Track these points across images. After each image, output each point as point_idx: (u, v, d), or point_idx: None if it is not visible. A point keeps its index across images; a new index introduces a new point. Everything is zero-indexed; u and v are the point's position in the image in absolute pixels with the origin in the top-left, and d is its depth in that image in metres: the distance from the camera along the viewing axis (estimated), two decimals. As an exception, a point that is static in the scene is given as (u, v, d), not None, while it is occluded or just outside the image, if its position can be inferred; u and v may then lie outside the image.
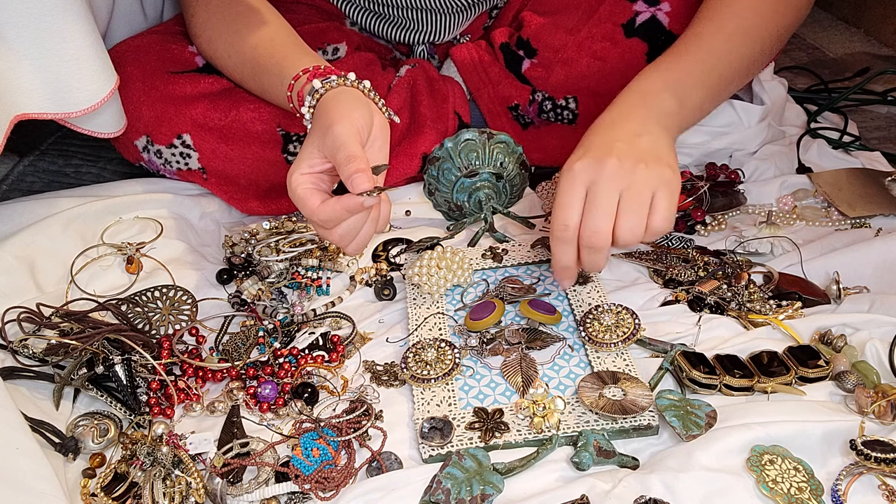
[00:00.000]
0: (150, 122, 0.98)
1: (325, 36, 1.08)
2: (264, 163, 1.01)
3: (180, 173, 1.02)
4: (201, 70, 0.99)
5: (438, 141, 1.06)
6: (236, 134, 0.99)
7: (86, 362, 0.75)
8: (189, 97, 0.98)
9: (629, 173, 0.74)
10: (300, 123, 0.99)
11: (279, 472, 0.67)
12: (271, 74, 0.90)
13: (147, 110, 0.97)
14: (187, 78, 0.98)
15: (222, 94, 0.99)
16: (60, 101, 0.85)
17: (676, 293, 0.88)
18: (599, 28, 1.05)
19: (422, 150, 1.06)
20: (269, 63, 0.90)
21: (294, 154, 1.01)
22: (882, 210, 1.02)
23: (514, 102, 1.11)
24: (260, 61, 0.91)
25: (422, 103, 1.07)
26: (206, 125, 0.99)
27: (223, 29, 0.95)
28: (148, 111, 0.97)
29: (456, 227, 1.00)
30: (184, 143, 0.99)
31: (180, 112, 0.98)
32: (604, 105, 1.10)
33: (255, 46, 0.92)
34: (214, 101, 0.99)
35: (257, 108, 0.99)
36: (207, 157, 1.00)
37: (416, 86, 1.08)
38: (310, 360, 0.81)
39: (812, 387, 0.74)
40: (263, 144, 1.00)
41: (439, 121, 1.07)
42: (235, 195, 1.04)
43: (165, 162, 1.00)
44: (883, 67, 1.47)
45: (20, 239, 0.89)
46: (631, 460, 0.68)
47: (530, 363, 0.78)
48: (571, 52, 1.06)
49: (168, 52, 1.00)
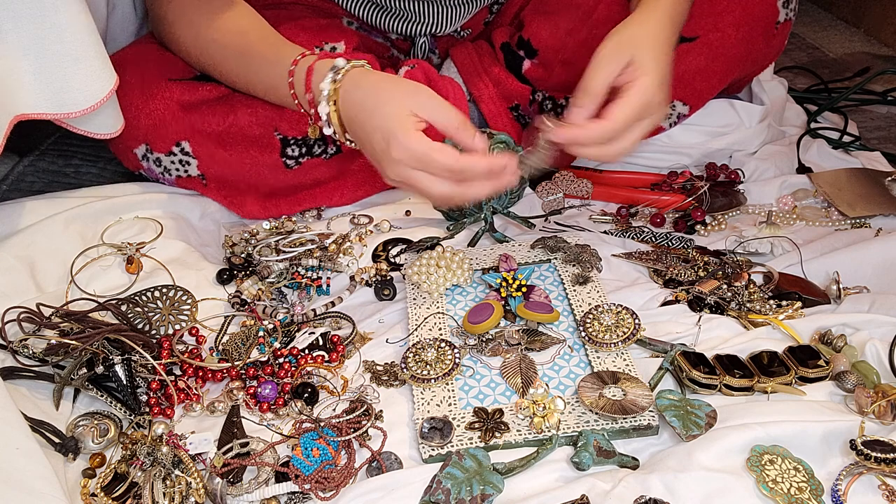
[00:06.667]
0: (148, 129, 0.98)
1: (325, 33, 1.08)
2: (263, 167, 1.01)
3: (179, 181, 1.02)
4: (199, 78, 0.99)
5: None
6: (234, 138, 0.99)
7: (86, 362, 0.75)
8: (187, 104, 0.98)
9: None
10: (297, 127, 0.99)
11: (279, 472, 0.67)
12: (264, 59, 0.90)
13: (146, 118, 0.97)
14: (186, 85, 0.98)
15: (220, 101, 0.99)
16: (59, 102, 0.85)
17: (676, 293, 0.88)
18: (599, 30, 1.05)
19: None
20: (262, 47, 0.91)
21: (292, 158, 1.01)
22: (882, 210, 1.02)
23: (515, 102, 1.11)
24: (250, 46, 0.92)
25: None
26: (204, 131, 0.99)
27: (205, 12, 0.95)
28: (146, 119, 0.97)
29: (456, 227, 1.00)
30: (183, 151, 0.99)
31: (179, 119, 0.98)
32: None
33: (244, 32, 0.93)
34: (212, 106, 0.99)
35: (254, 113, 0.99)
36: (206, 164, 1.00)
37: None
38: (310, 360, 0.81)
39: (812, 387, 0.74)
40: (262, 149, 1.00)
41: None
42: (235, 200, 1.04)
43: (165, 170, 1.00)
44: (883, 67, 1.47)
45: (20, 239, 0.89)
46: (631, 460, 0.68)
47: (530, 364, 0.78)
48: (572, 53, 1.06)
49: (166, 59, 1.00)
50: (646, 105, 0.83)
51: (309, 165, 1.03)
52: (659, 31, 0.87)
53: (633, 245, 0.99)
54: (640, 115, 0.83)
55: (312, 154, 1.02)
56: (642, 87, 0.82)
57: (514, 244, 0.95)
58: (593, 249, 0.90)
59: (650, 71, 0.83)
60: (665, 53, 0.87)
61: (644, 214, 1.06)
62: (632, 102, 0.82)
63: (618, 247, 0.98)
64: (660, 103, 0.85)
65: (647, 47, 0.85)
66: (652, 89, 0.83)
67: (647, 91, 0.83)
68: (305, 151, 1.02)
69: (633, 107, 0.82)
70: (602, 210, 1.08)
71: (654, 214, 1.04)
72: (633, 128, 0.83)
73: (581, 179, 1.09)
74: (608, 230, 1.02)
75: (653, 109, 0.84)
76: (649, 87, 0.83)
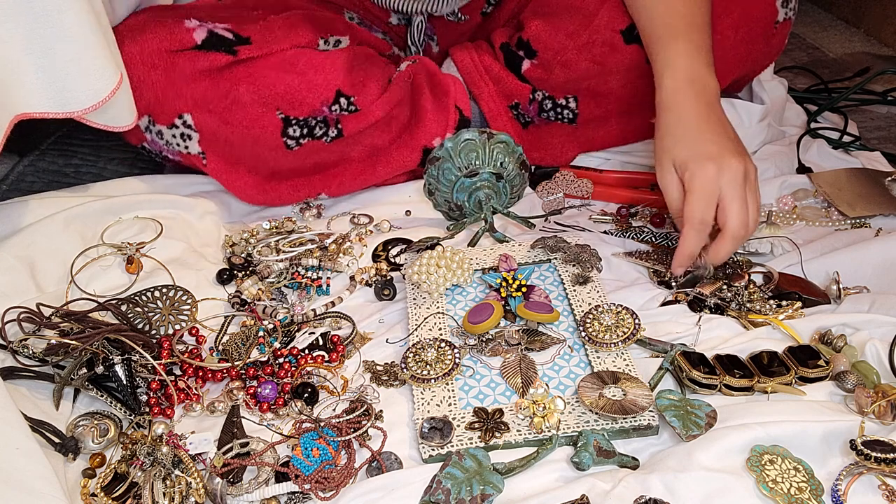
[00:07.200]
0: (151, 101, 0.98)
1: (331, 27, 1.07)
2: (264, 146, 1.01)
3: (182, 156, 1.02)
4: (199, 47, 0.98)
5: (440, 133, 1.06)
6: (236, 117, 0.99)
7: (86, 362, 0.75)
8: (189, 76, 0.97)
9: (744, 170, 0.86)
10: (299, 108, 0.99)
11: (279, 472, 0.67)
12: None
13: (148, 91, 0.97)
14: (186, 56, 0.97)
15: (222, 74, 0.98)
16: (62, 101, 0.85)
17: (676, 293, 0.88)
18: (599, 34, 1.05)
19: (423, 143, 1.06)
20: None
21: (293, 138, 1.01)
22: (882, 210, 1.02)
23: (515, 101, 1.11)
24: None
25: (423, 96, 1.07)
26: (207, 107, 0.98)
27: None
28: (149, 91, 0.97)
29: (456, 227, 0.99)
30: (185, 124, 0.99)
31: (181, 91, 0.97)
32: (604, 105, 1.11)
33: None
34: (215, 80, 0.98)
35: (257, 91, 0.98)
36: (207, 140, 1.00)
37: (417, 79, 1.08)
38: (310, 360, 0.81)
39: (812, 387, 0.74)
40: (263, 128, 1.00)
41: (440, 113, 1.07)
42: (234, 181, 1.04)
43: (167, 143, 1.01)
44: (883, 67, 1.47)
45: (20, 239, 0.89)
46: (631, 460, 0.68)
47: (530, 364, 0.78)
48: (571, 55, 1.06)
49: (165, 31, 0.98)
50: (702, 196, 0.85)
51: (310, 148, 1.03)
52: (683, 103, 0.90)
53: (633, 245, 0.99)
54: (712, 196, 0.85)
55: (314, 136, 1.02)
56: (698, 186, 0.85)
57: (514, 244, 0.95)
58: (593, 249, 0.90)
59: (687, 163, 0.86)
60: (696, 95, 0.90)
61: (644, 214, 1.06)
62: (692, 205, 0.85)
63: (618, 247, 0.98)
64: (713, 170, 0.85)
65: (672, 140, 0.89)
66: (702, 177, 0.85)
67: (699, 188, 0.85)
68: (307, 132, 1.01)
69: (693, 209, 0.85)
70: (602, 210, 1.08)
71: (654, 214, 1.04)
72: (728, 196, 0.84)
73: (581, 179, 1.09)
74: (608, 230, 1.02)
75: (719, 174, 0.84)
76: (699, 178, 0.85)
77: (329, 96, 1.00)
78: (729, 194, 0.84)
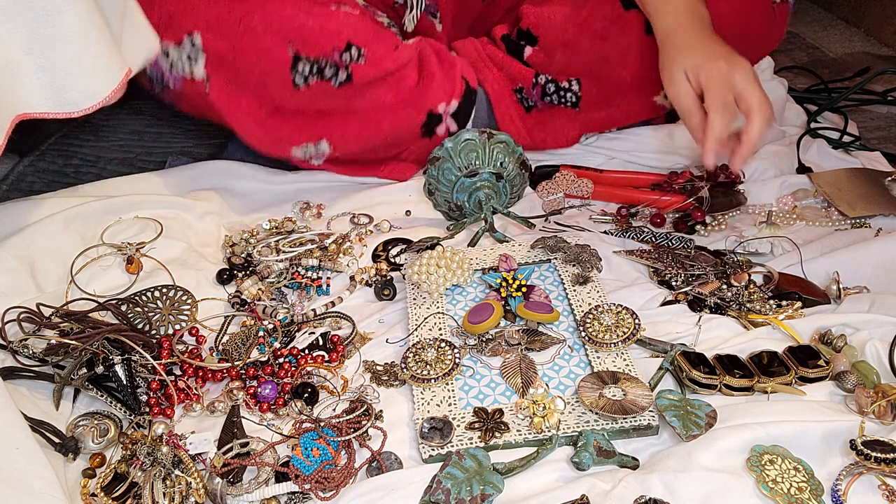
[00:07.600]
0: (161, 17, 0.96)
1: None
2: (271, 78, 0.99)
3: (184, 82, 1.00)
4: None
5: (446, 99, 1.07)
6: (246, 44, 0.98)
7: (86, 362, 0.75)
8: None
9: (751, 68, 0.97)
10: (311, 48, 0.98)
11: (279, 472, 0.67)
12: None
13: (158, 7, 0.96)
14: None
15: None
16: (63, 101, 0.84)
17: (676, 293, 0.88)
18: (599, 10, 1.07)
19: (428, 106, 1.06)
20: None
21: (302, 76, 1.00)
22: (882, 210, 1.02)
23: (519, 85, 1.13)
24: None
25: (431, 63, 1.08)
26: (219, 30, 0.97)
27: None
28: (159, 7, 0.96)
29: (456, 227, 0.99)
30: (193, 43, 0.97)
31: (196, 8, 0.96)
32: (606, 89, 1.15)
33: None
34: (231, 3, 0.97)
35: (271, 22, 0.97)
36: (213, 63, 0.98)
37: (425, 51, 1.09)
38: (310, 360, 0.81)
39: (812, 387, 0.74)
40: (272, 61, 0.98)
41: (447, 81, 1.08)
42: (236, 110, 1.02)
43: (171, 65, 0.99)
44: (883, 67, 1.47)
45: (20, 239, 0.89)
46: (631, 460, 0.68)
47: (530, 364, 0.78)
48: (572, 34, 1.08)
49: None
50: (721, 86, 0.94)
51: (317, 89, 1.01)
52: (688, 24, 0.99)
53: (633, 245, 0.99)
54: (729, 84, 0.94)
55: (323, 76, 1.00)
56: (715, 76, 0.94)
57: (514, 244, 0.95)
58: (593, 249, 0.90)
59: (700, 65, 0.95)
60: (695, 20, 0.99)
61: (644, 214, 1.06)
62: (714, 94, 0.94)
63: (618, 247, 0.98)
64: (725, 66, 0.94)
65: (683, 52, 0.98)
66: (717, 72, 0.94)
67: (716, 81, 0.94)
68: (317, 71, 1.00)
69: (715, 96, 0.94)
70: (602, 210, 1.08)
71: (654, 214, 1.04)
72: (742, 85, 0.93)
73: (581, 179, 1.09)
74: (608, 230, 1.02)
75: (731, 70, 0.94)
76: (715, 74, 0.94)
77: (340, 44, 0.99)
78: (743, 84, 0.93)
